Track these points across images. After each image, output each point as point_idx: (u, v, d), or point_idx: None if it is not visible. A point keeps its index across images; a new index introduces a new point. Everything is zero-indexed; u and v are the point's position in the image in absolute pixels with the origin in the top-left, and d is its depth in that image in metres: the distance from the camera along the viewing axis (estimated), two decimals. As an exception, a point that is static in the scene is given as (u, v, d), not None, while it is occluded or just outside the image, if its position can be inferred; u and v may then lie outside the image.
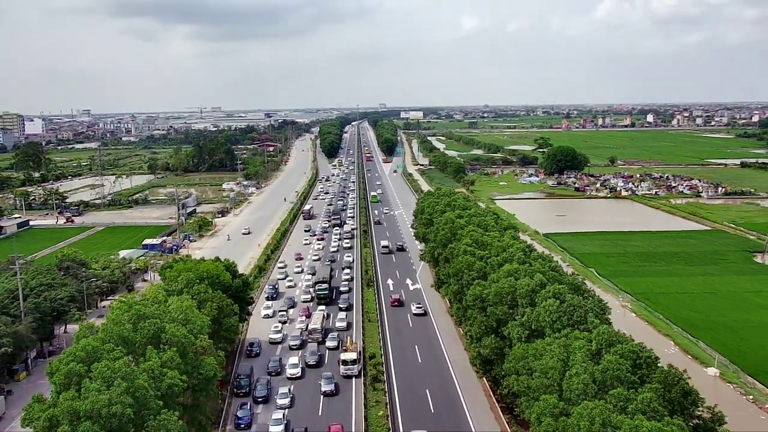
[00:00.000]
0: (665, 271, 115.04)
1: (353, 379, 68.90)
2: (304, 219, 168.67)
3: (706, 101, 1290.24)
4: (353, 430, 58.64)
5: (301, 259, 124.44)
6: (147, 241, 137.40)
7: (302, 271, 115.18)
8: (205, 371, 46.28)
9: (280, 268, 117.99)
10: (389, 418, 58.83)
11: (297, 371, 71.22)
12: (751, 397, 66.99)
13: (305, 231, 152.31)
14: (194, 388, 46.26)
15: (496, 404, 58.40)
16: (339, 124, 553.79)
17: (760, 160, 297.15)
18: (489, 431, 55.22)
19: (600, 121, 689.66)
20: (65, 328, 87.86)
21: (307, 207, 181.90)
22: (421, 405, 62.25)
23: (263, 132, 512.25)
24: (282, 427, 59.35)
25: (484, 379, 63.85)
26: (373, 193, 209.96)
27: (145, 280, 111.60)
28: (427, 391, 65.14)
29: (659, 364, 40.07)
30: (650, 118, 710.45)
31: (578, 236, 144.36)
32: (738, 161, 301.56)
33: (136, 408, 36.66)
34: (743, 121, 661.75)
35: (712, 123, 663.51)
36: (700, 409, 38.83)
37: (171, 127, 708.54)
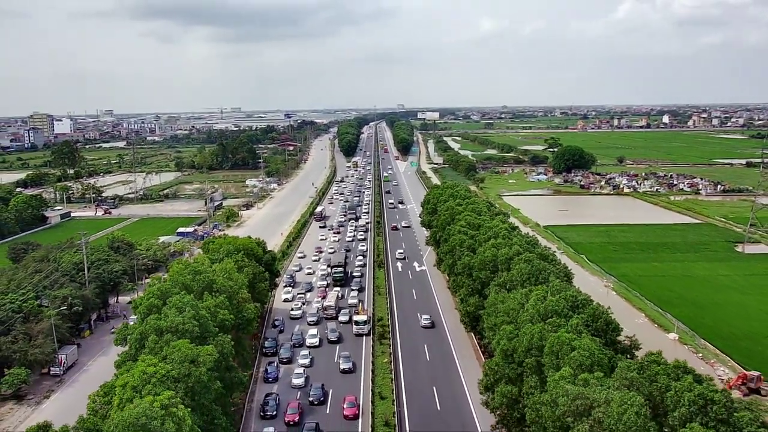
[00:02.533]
0: (650, 258, 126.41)
1: (363, 337, 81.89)
2: (316, 221, 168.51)
3: (727, 102, 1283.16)
4: (363, 374, 71.49)
5: (321, 252, 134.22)
6: (181, 230, 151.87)
7: (319, 260, 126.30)
8: (247, 314, 59.56)
9: (299, 257, 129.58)
10: (392, 364, 71.72)
11: (315, 341, 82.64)
12: (700, 354, 78.82)
13: (320, 228, 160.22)
14: (238, 327, 59.52)
15: (480, 352, 71.05)
16: (357, 125, 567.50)
17: (767, 160, 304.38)
18: (472, 371, 67.92)
19: (615, 122, 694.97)
20: (117, 298, 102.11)
21: (318, 209, 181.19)
22: (419, 355, 75.16)
23: (283, 132, 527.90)
24: (303, 379, 71.92)
25: (472, 333, 76.61)
26: (385, 174, 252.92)
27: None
28: (425, 345, 78.02)
29: (593, 306, 52.28)
30: (666, 119, 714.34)
31: (575, 228, 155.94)
32: (745, 161, 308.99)
33: (200, 330, 49.93)
34: (760, 122, 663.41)
35: (728, 124, 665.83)
36: (622, 337, 51.07)
37: (193, 126, 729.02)
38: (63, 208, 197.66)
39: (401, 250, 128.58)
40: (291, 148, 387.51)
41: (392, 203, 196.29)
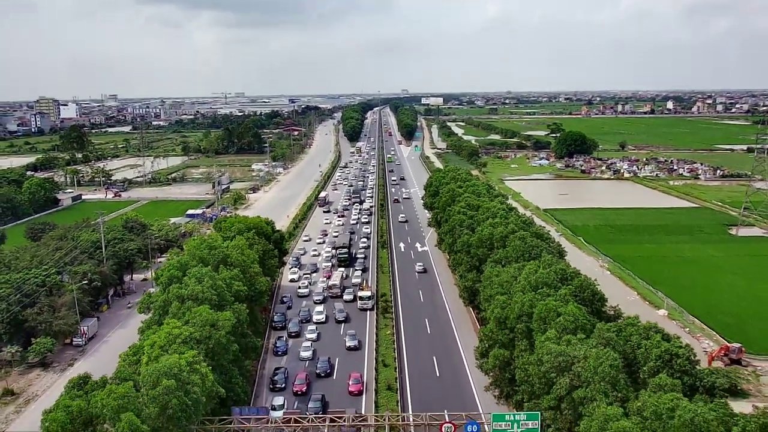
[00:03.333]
0: (644, 240, 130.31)
1: (368, 312, 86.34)
2: (320, 206, 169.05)
3: (734, 88, 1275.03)
4: (367, 345, 75.89)
5: (325, 235, 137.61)
6: (190, 212, 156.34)
7: (324, 243, 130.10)
8: (259, 286, 63.94)
9: (305, 240, 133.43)
10: (395, 336, 76.21)
11: (322, 317, 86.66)
12: (687, 329, 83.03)
13: (324, 212, 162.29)
14: (250, 299, 63.91)
15: (477, 324, 75.41)
16: (361, 110, 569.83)
17: (761, 146, 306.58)
18: (470, 341, 72.34)
19: (619, 108, 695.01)
20: (132, 276, 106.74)
21: (322, 194, 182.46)
22: (421, 328, 79.67)
23: (287, 117, 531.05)
24: (310, 352, 76.16)
25: (470, 308, 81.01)
26: (388, 156, 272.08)
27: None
28: (426, 319, 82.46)
29: (580, 279, 56.36)
30: (670, 105, 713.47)
31: (574, 211, 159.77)
32: (746, 147, 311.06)
33: (218, 299, 54.27)
34: (765, 108, 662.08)
35: (732, 110, 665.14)
36: (607, 306, 55.24)
37: (198, 111, 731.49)
38: (74, 190, 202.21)
39: (403, 215, 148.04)
40: (296, 133, 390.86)
41: (395, 180, 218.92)
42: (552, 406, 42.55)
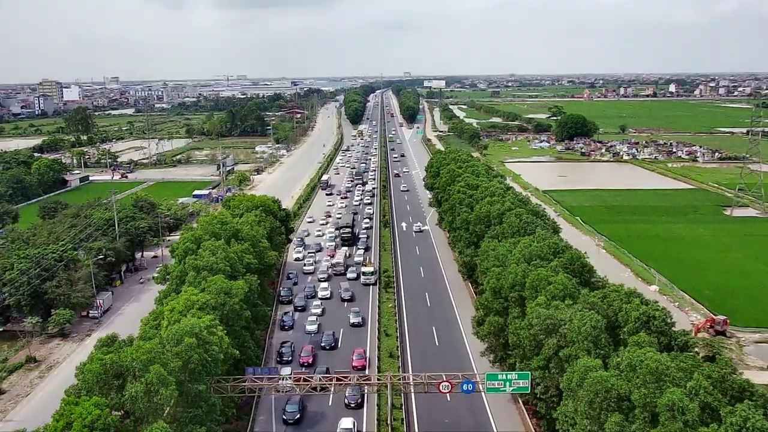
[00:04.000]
0: (640, 220, 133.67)
1: (371, 286, 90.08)
2: (322, 189, 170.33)
3: (740, 71, 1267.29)
4: (370, 319, 79.61)
5: (329, 216, 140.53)
6: (197, 192, 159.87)
7: (327, 224, 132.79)
8: (268, 260, 67.61)
9: (308, 222, 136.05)
10: (396, 308, 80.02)
11: (327, 293, 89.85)
12: (677, 303, 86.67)
13: (327, 195, 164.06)
14: (260, 271, 67.57)
15: (474, 298, 79.16)
16: (363, 93, 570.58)
17: (766, 129, 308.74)
18: (467, 312, 76.14)
19: (622, 91, 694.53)
20: (143, 252, 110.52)
21: (324, 177, 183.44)
22: (421, 301, 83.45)
23: (290, 100, 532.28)
24: (315, 326, 79.56)
25: (468, 282, 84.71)
26: (389, 135, 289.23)
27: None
28: (426, 293, 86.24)
29: (571, 252, 59.82)
30: (672, 88, 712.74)
31: (573, 192, 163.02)
32: (746, 130, 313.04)
33: (230, 270, 57.90)
34: (767, 91, 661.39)
35: (735, 93, 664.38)
36: (596, 277, 58.81)
37: (200, 94, 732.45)
38: (81, 172, 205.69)
39: (405, 185, 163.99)
40: (299, 115, 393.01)
41: (396, 157, 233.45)
42: (541, 366, 46.24)
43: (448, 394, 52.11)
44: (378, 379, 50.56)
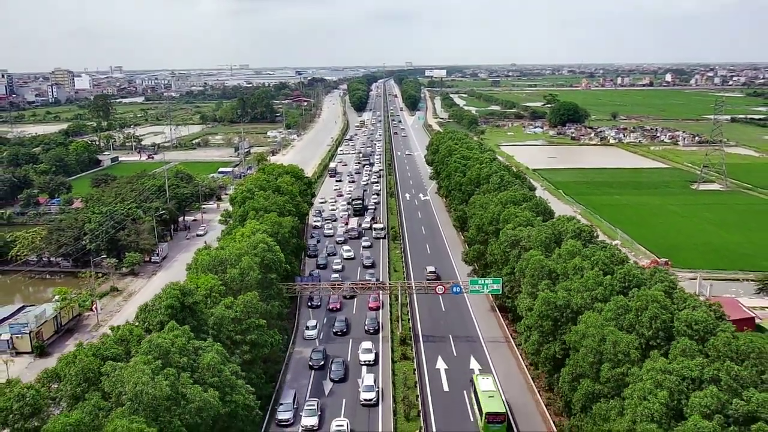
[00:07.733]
0: (615, 193, 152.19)
1: (380, 240, 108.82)
2: (330, 177, 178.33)
3: (739, 61, 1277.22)
4: (381, 264, 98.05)
5: (340, 195, 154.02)
6: (221, 169, 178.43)
7: (341, 197, 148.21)
8: (302, 209, 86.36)
9: (320, 203, 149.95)
10: (402, 255, 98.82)
11: (351, 254, 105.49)
12: (633, 253, 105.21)
13: (336, 181, 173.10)
14: (298, 216, 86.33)
15: (465, 245, 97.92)
16: (366, 82, 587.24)
17: (749, 116, 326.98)
18: (458, 253, 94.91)
19: (619, 81, 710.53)
20: (184, 216, 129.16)
21: (332, 165, 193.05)
22: (422, 249, 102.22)
23: (295, 89, 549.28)
24: (338, 275, 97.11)
25: (460, 233, 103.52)
26: (391, 110, 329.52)
27: (227, 194, 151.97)
28: (427, 244, 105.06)
29: (536, 199, 78.35)
30: (668, 77, 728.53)
31: (559, 171, 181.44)
32: (730, 117, 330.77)
33: (278, 211, 76.56)
34: (762, 81, 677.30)
35: (730, 83, 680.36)
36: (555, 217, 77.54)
37: (206, 83, 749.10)
38: (111, 153, 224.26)
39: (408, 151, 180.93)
40: (304, 103, 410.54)
41: (396, 132, 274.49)
42: (508, 273, 64.84)
43: (442, 304, 70.79)
44: (390, 285, 69.29)
